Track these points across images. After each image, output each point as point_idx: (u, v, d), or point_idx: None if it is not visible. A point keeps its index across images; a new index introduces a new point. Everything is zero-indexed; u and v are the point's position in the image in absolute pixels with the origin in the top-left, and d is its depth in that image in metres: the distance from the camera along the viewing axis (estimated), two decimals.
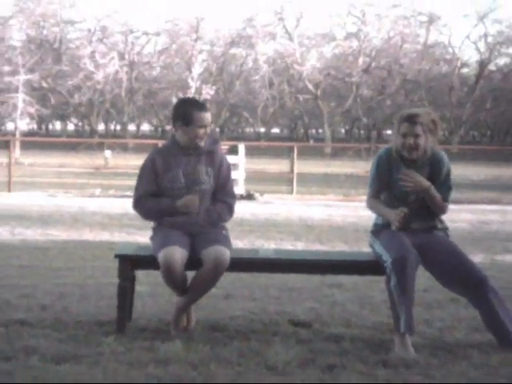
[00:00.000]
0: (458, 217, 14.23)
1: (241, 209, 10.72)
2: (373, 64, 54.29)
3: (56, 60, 50.95)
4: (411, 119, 5.24)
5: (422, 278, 6.66)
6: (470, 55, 60.62)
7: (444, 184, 5.36)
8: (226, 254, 5.13)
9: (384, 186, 5.37)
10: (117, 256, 5.35)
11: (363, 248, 9.64)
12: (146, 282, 6.68)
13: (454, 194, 5.54)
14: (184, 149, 5.41)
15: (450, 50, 57.28)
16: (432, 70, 55.20)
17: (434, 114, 5.42)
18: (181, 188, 5.36)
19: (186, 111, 5.37)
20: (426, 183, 5.21)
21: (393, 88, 55.27)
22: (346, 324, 5.55)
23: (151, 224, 5.54)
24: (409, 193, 5.26)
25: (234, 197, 5.51)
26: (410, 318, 4.90)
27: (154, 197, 5.42)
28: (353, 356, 4.72)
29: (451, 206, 5.54)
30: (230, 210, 5.47)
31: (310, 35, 55.66)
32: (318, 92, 52.90)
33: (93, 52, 50.58)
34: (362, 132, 69.81)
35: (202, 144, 5.40)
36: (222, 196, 5.44)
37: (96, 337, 5.03)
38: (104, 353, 4.67)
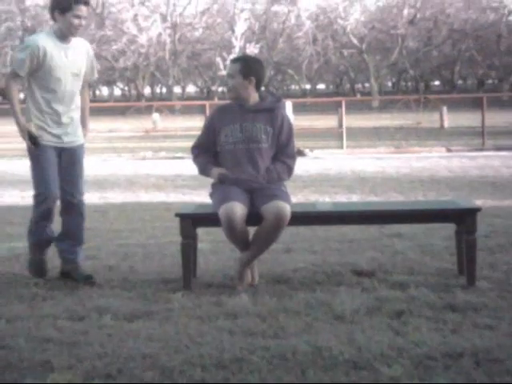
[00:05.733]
0: None
1: None
2: (418, 15, 53.43)
3: (99, 25, 51.07)
4: None
5: (483, 224, 6.67)
6: None
7: None
8: (287, 209, 5.18)
9: None
10: (177, 215, 5.43)
11: (419, 198, 9.64)
12: (207, 239, 6.77)
13: (507, 141, 5.52)
14: (243, 106, 5.44)
15: None
16: (479, 19, 54.12)
17: None
18: (237, 143, 5.40)
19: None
20: None
21: (439, 39, 54.41)
22: (409, 272, 5.59)
23: (209, 182, 5.61)
24: None
25: (294, 158, 5.54)
26: None
27: (205, 154, 5.51)
28: (419, 302, 4.76)
29: (506, 153, 5.46)
30: (290, 171, 5.52)
31: None
32: (363, 46, 52.30)
33: (135, 15, 50.58)
34: (409, 84, 69.02)
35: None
36: (283, 156, 5.47)
37: (164, 294, 5.13)
38: (174, 309, 4.78)
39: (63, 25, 5.46)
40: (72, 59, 5.54)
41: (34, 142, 5.50)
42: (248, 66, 5.44)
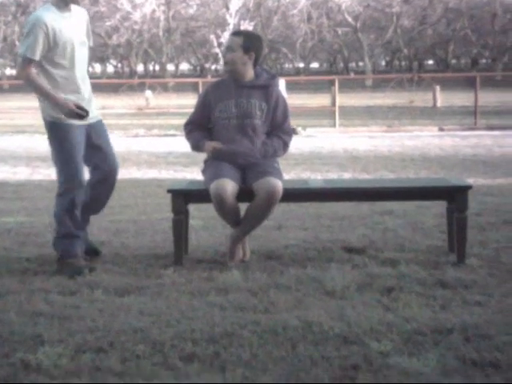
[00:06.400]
0: (505, 142, 14.17)
1: None
2: None
3: (93, 1, 50.79)
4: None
5: (474, 203, 6.69)
6: None
7: None
8: (279, 185, 5.17)
9: None
10: (169, 191, 5.43)
11: (411, 176, 9.66)
12: (199, 216, 6.78)
13: (500, 121, 5.53)
14: (238, 82, 5.42)
15: None
16: None
17: None
18: (231, 118, 5.39)
19: None
20: None
21: (434, 17, 54.30)
22: (400, 249, 5.61)
23: (202, 159, 5.61)
24: None
25: (290, 135, 5.55)
26: None
27: (198, 129, 5.49)
28: (410, 278, 4.78)
29: (498, 133, 5.45)
30: (285, 147, 5.51)
31: None
32: (358, 24, 52.16)
33: None
34: (402, 63, 68.94)
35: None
36: (279, 132, 5.47)
37: (155, 269, 5.15)
38: (165, 284, 4.79)
39: None
40: (76, 28, 5.21)
41: (84, 113, 5.08)
42: (250, 41, 5.41)
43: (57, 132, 5.20)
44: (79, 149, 5.21)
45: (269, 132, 5.47)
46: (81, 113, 5.09)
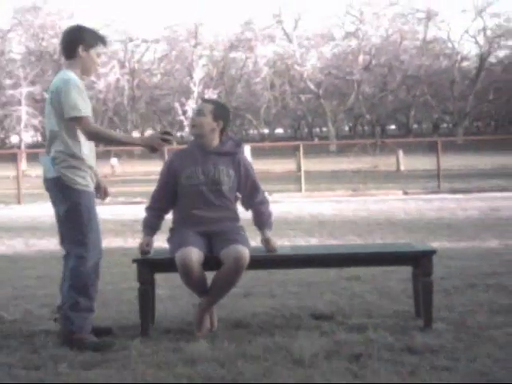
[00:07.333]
0: (469, 205, 14.29)
1: None
2: (373, 61, 54.34)
3: (57, 71, 50.98)
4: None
5: (439, 266, 6.73)
6: (469, 49, 60.54)
7: None
8: (246, 253, 5.18)
9: None
10: (134, 260, 5.39)
11: (377, 241, 9.70)
12: (165, 285, 6.73)
13: (463, 184, 5.63)
14: (204, 149, 5.45)
15: (450, 44, 57.32)
16: (432, 65, 55.20)
17: None
18: (199, 185, 5.39)
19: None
20: None
21: (394, 84, 55.31)
22: (368, 314, 5.60)
23: (167, 226, 5.60)
24: None
25: (263, 193, 5.67)
26: None
27: (159, 207, 5.50)
28: (377, 344, 4.77)
29: (461, 196, 5.54)
30: (268, 205, 5.67)
31: (308, 36, 55.78)
32: (320, 91, 52.92)
33: None
34: (365, 128, 69.84)
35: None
36: (259, 196, 5.60)
37: (121, 341, 5.06)
38: (131, 356, 4.72)
39: (86, 62, 5.14)
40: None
41: (168, 139, 5.06)
42: (220, 110, 5.49)
43: (84, 200, 5.07)
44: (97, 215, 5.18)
45: (246, 202, 5.55)
46: (169, 136, 5.11)
